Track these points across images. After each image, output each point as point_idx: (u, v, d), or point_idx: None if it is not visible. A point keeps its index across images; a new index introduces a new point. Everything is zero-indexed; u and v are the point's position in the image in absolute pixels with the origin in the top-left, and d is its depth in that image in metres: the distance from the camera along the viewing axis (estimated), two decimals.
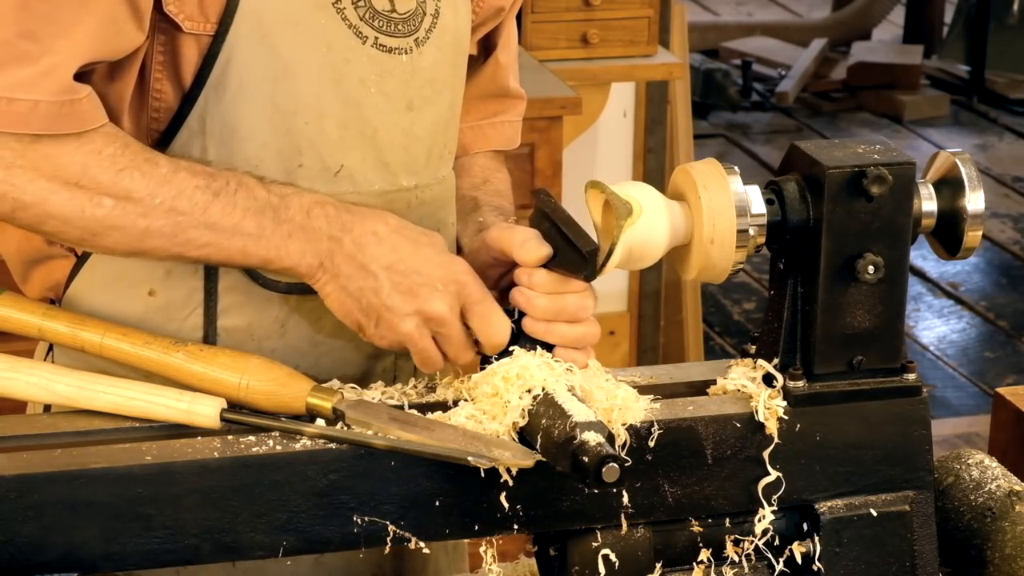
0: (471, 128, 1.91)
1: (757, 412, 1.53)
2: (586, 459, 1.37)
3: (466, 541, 1.49)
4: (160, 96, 1.61)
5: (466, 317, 1.56)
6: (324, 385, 1.54)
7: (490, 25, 1.88)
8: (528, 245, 1.58)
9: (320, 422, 1.50)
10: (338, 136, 1.65)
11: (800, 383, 1.54)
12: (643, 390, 1.54)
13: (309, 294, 1.66)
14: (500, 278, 1.66)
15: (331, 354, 1.69)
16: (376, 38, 1.65)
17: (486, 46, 1.91)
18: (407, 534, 1.48)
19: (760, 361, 1.57)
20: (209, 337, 1.65)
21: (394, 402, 1.54)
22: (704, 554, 1.55)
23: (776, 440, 1.54)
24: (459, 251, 1.77)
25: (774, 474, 1.54)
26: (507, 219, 1.76)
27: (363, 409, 1.50)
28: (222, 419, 1.49)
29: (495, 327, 1.56)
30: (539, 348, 1.53)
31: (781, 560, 1.56)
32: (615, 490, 1.49)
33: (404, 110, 1.68)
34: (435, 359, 1.57)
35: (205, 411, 1.49)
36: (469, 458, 1.44)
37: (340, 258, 1.56)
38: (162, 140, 1.62)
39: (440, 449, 1.45)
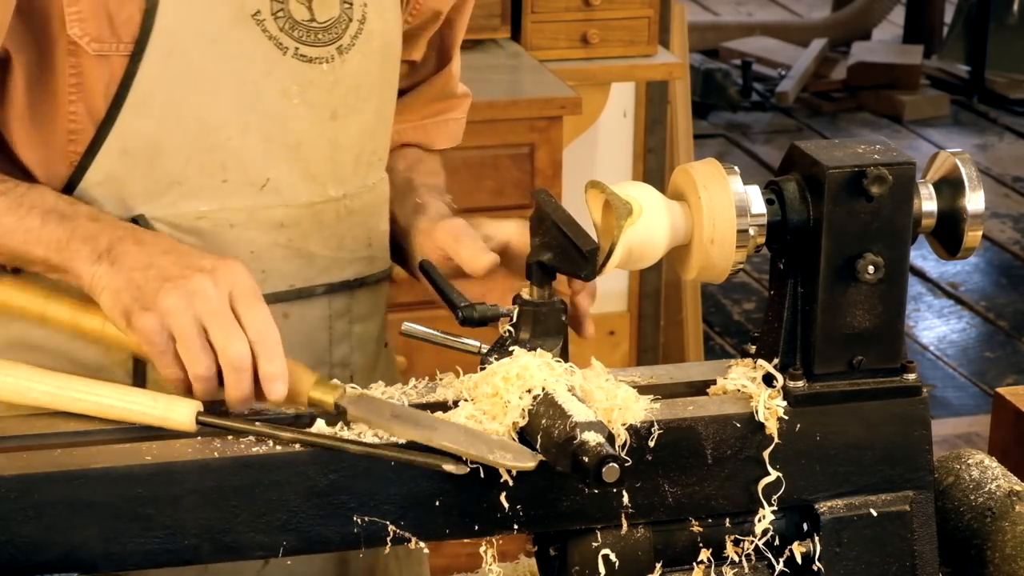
0: (414, 127, 1.90)
1: (757, 412, 1.53)
2: (586, 459, 1.37)
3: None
4: (76, 119, 1.61)
5: (234, 305, 1.52)
6: (327, 381, 1.54)
7: (431, 29, 1.86)
8: (474, 261, 1.63)
9: (322, 424, 1.50)
10: (262, 149, 1.64)
11: (800, 383, 1.54)
12: (643, 390, 1.54)
13: None
14: (449, 266, 1.68)
15: None
16: (296, 48, 1.64)
17: (440, 53, 1.90)
18: (407, 534, 1.49)
19: (760, 361, 1.57)
20: (138, 364, 1.66)
21: (394, 402, 1.53)
22: (704, 554, 1.55)
23: (776, 440, 1.54)
24: (401, 235, 1.80)
25: (774, 474, 1.54)
26: (442, 197, 1.78)
27: (365, 405, 1.50)
28: (198, 422, 1.49)
29: (261, 317, 1.52)
30: (539, 349, 1.53)
31: (781, 560, 1.56)
32: (615, 490, 1.49)
33: (328, 119, 1.68)
34: (194, 345, 1.50)
35: (180, 415, 1.48)
36: (445, 467, 1.44)
37: (125, 244, 1.55)
38: (83, 162, 1.61)
39: (415, 456, 1.45)
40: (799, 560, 1.56)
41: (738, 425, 1.54)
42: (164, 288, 1.51)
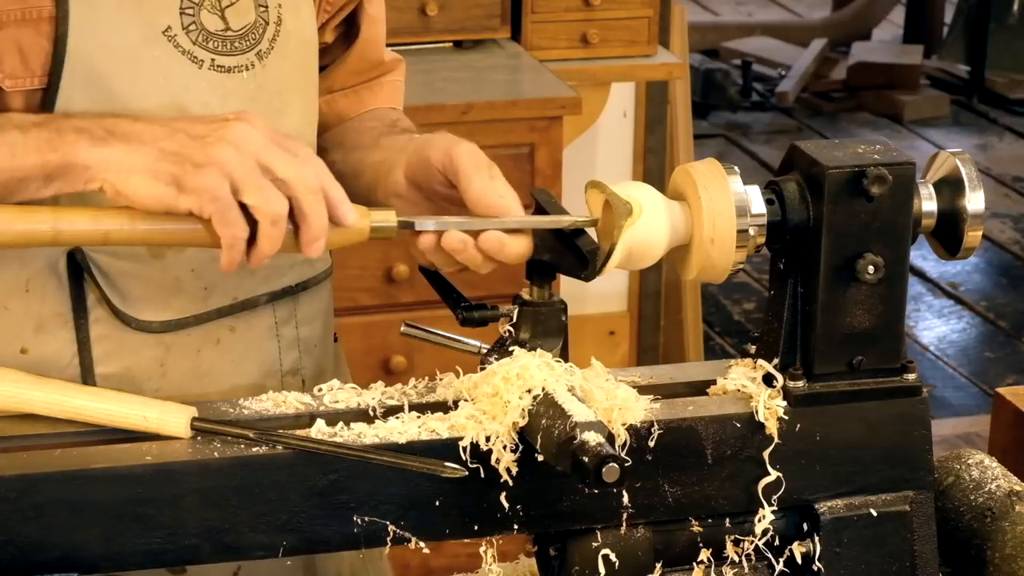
0: (344, 95, 1.86)
1: (757, 412, 1.53)
2: (586, 459, 1.37)
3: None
4: None
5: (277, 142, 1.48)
6: (377, 207, 1.54)
7: (348, 8, 1.83)
8: (488, 194, 1.54)
9: (322, 424, 1.50)
10: None
11: (800, 383, 1.54)
12: (643, 390, 1.54)
13: (184, 329, 1.65)
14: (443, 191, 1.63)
15: (216, 383, 1.69)
16: (212, 59, 1.62)
17: (348, 31, 1.86)
18: (407, 534, 1.49)
19: (760, 361, 1.57)
20: (87, 379, 1.64)
21: (394, 402, 1.53)
22: (704, 554, 1.55)
23: (776, 440, 1.54)
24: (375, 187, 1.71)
25: (774, 474, 1.54)
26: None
27: (431, 218, 1.53)
28: (192, 428, 1.48)
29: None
30: (539, 349, 1.53)
31: (781, 560, 1.56)
32: (615, 490, 1.49)
33: None
34: (265, 184, 1.46)
35: (174, 423, 1.48)
36: (443, 473, 1.44)
37: (124, 124, 1.48)
38: None
39: (412, 460, 1.45)
40: (799, 560, 1.56)
41: (738, 425, 1.54)
42: (208, 143, 1.46)
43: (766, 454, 1.54)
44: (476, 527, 1.50)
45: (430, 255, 1.57)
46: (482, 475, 1.47)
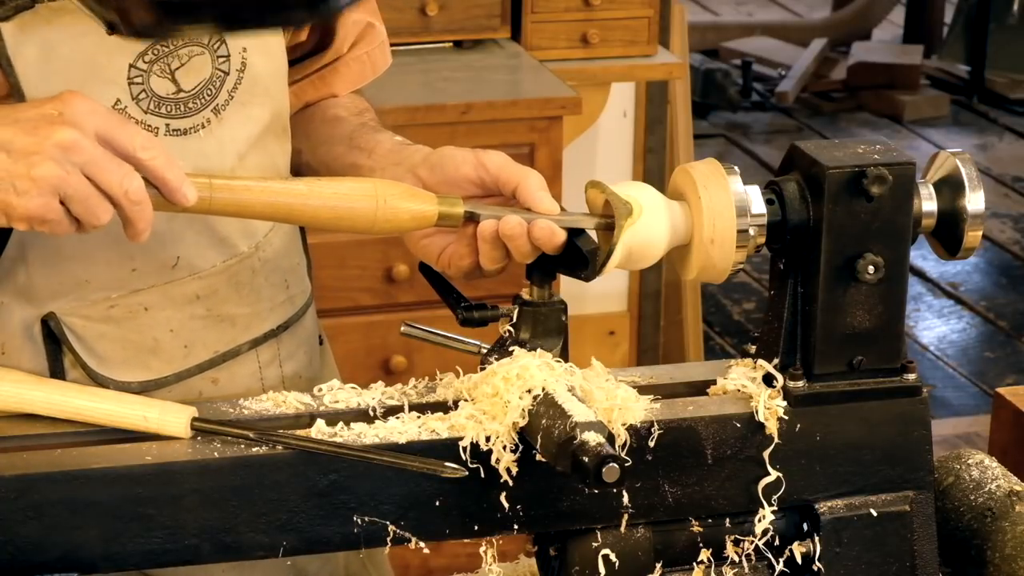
0: (311, 83, 1.81)
1: (757, 412, 1.53)
2: (586, 459, 1.37)
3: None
4: None
5: (105, 136, 1.42)
6: (445, 196, 1.55)
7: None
8: (545, 197, 1.55)
9: (321, 424, 1.50)
10: (168, 229, 1.61)
11: (800, 383, 1.54)
12: (643, 390, 1.54)
13: (165, 387, 1.64)
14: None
15: None
16: (167, 124, 1.59)
17: (323, 34, 1.81)
18: (407, 534, 1.49)
19: (760, 361, 1.57)
20: (55, 373, 1.62)
21: (394, 402, 1.53)
22: (704, 554, 1.55)
23: (776, 440, 1.54)
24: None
25: (774, 474, 1.54)
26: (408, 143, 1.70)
27: (491, 209, 1.54)
28: (192, 428, 1.48)
29: (131, 132, 1.43)
30: (539, 349, 1.53)
31: (781, 560, 1.56)
32: (615, 490, 1.49)
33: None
34: (94, 199, 1.41)
35: (174, 423, 1.48)
36: (443, 472, 1.44)
37: None
38: None
39: (412, 460, 1.45)
40: (799, 560, 1.56)
41: (738, 425, 1.54)
42: (32, 162, 1.39)
43: (766, 454, 1.54)
44: (476, 527, 1.50)
45: (484, 243, 1.56)
46: (482, 475, 1.47)
